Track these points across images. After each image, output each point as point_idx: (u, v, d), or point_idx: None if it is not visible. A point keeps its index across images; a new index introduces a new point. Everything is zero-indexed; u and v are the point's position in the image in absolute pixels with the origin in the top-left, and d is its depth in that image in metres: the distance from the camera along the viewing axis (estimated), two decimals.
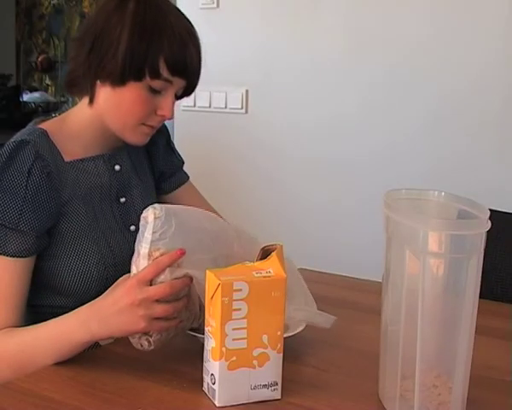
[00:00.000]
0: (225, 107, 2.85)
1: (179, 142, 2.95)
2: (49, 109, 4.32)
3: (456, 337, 0.93)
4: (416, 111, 2.45)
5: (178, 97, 1.26)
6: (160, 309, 1.02)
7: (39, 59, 4.63)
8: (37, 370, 1.20)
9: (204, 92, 2.86)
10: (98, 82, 1.21)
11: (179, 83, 1.21)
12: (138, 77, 1.17)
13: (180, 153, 1.54)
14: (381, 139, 2.52)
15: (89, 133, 1.27)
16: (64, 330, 1.09)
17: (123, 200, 1.31)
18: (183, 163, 1.52)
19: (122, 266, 1.20)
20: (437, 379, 0.94)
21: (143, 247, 1.03)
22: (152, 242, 1.02)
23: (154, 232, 1.02)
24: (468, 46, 2.34)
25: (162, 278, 1.02)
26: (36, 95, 4.50)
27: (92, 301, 1.09)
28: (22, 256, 1.15)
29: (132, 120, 1.21)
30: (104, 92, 1.21)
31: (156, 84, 1.18)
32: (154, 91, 1.19)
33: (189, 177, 1.53)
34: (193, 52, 1.20)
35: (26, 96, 4.49)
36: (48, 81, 4.67)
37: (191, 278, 1.04)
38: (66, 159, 1.23)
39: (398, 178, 2.40)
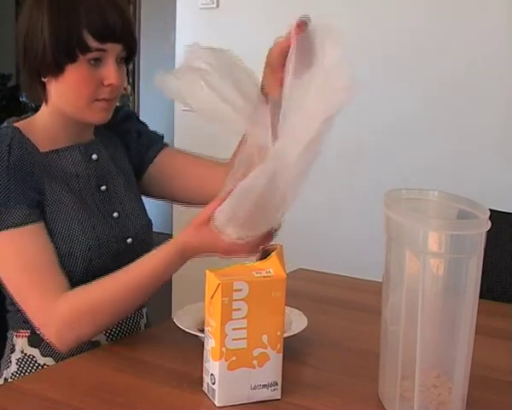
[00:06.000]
0: None
1: (179, 143, 2.95)
2: None
3: (456, 337, 0.93)
4: (416, 110, 2.45)
5: (126, 64, 1.26)
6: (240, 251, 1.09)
7: None
8: (38, 371, 1.21)
9: None
10: (44, 80, 1.22)
11: (114, 48, 1.21)
12: (71, 58, 1.18)
13: None
14: (382, 138, 2.52)
15: (56, 129, 1.27)
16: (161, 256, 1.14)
17: (104, 188, 1.31)
18: (163, 137, 1.49)
19: (106, 248, 1.23)
20: (437, 379, 0.94)
21: None
22: None
23: None
24: (469, 44, 2.34)
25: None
26: None
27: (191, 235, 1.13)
28: (26, 223, 1.15)
29: (83, 100, 1.22)
30: (51, 87, 1.22)
31: (91, 56, 1.18)
32: (94, 65, 1.19)
33: (168, 144, 1.49)
34: (114, 14, 1.20)
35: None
36: None
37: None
38: (42, 150, 1.24)
39: (397, 178, 2.40)
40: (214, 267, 0.98)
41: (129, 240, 1.29)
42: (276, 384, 0.99)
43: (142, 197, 1.44)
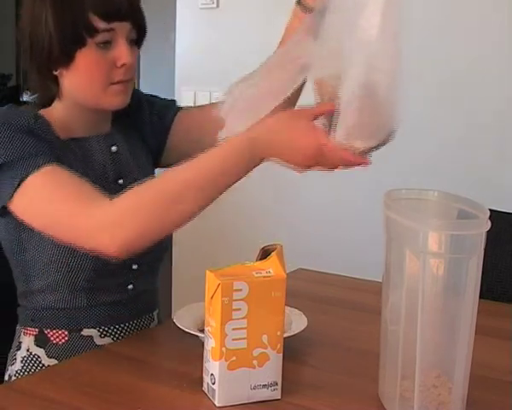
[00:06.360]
0: None
1: None
2: None
3: (456, 337, 0.93)
4: (416, 110, 2.45)
5: (138, 45, 1.24)
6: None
7: None
8: (38, 371, 1.21)
9: (203, 93, 2.85)
10: (55, 73, 1.21)
11: (123, 27, 1.18)
12: (80, 42, 1.16)
13: None
14: None
15: (72, 121, 1.25)
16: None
17: (121, 181, 1.28)
18: (174, 102, 1.46)
19: None
20: (437, 379, 0.94)
21: None
22: None
23: None
24: (469, 44, 2.34)
25: None
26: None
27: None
28: (55, 162, 1.13)
29: (97, 85, 1.20)
30: (64, 79, 1.21)
31: (100, 38, 1.16)
32: (104, 48, 1.17)
33: (182, 107, 1.45)
34: None
35: (26, 96, 4.49)
36: None
37: None
38: (61, 137, 1.22)
39: (398, 178, 2.40)
40: (214, 267, 0.98)
41: None
42: (276, 384, 0.99)
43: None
